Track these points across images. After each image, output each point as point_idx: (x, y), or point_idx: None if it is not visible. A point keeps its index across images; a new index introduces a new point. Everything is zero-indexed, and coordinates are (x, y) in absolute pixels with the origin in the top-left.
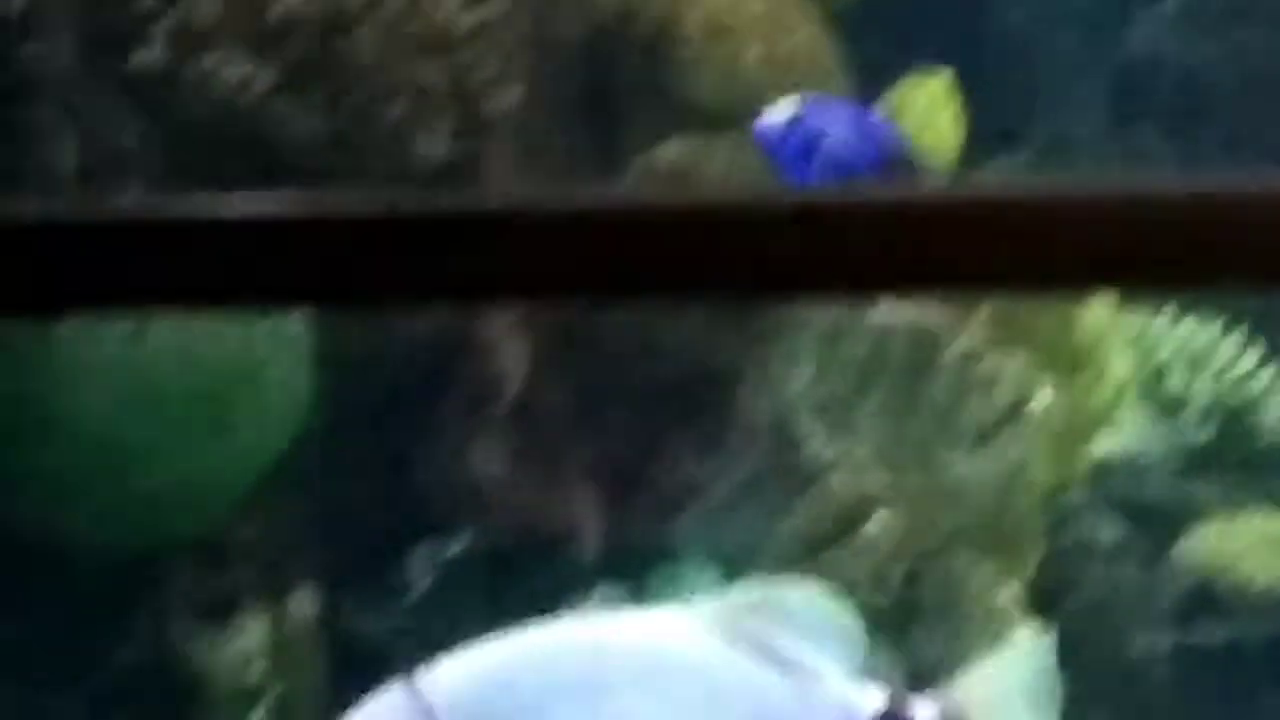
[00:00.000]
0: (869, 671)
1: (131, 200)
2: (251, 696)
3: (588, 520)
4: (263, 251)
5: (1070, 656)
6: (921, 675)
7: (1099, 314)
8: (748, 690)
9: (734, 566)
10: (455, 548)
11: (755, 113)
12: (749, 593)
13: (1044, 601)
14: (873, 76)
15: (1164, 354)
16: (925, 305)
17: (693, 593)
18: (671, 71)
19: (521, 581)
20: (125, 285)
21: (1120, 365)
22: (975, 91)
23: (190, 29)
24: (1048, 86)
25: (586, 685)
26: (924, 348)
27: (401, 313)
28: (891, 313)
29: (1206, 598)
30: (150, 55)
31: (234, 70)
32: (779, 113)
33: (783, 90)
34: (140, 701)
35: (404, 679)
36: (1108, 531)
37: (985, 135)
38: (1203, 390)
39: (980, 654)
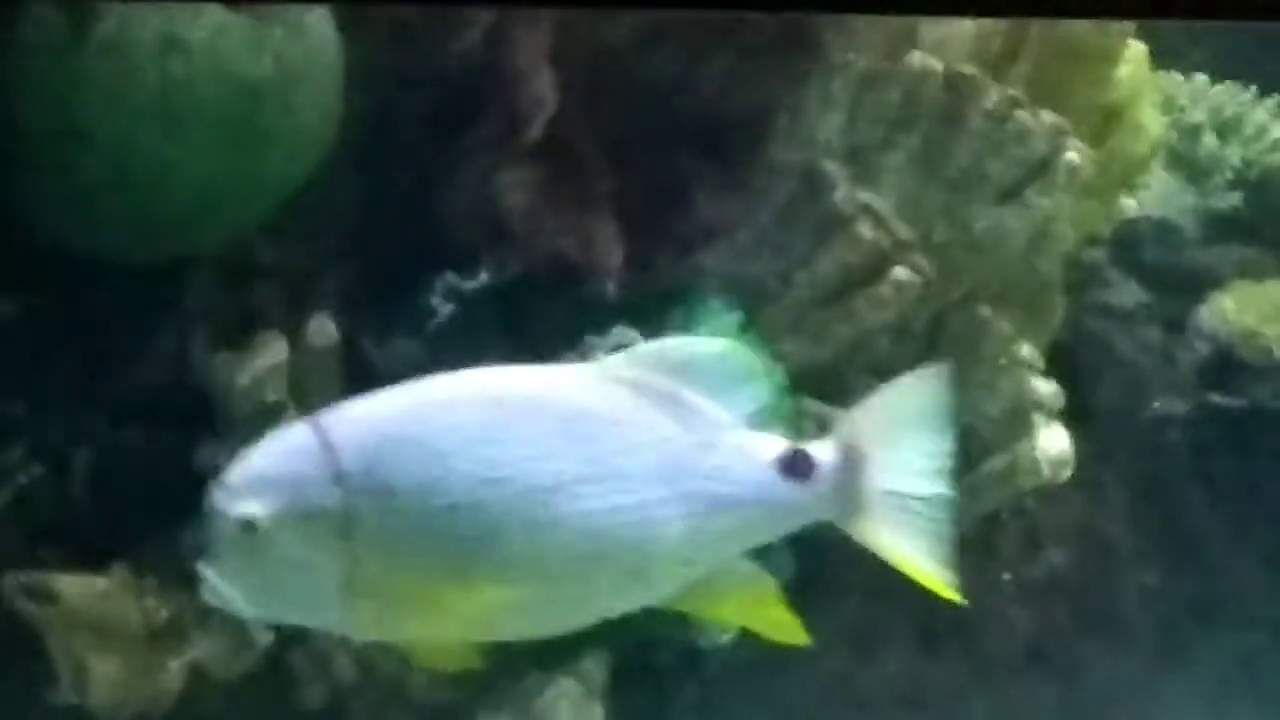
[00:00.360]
0: (781, 422)
1: None
2: (269, 415)
3: (611, 256)
4: None
5: (1088, 418)
6: None
7: (1131, 74)
8: (649, 436)
9: (755, 309)
10: (477, 278)
11: None
12: (658, 345)
13: (1063, 360)
14: None
15: (1195, 118)
16: (958, 56)
17: (712, 334)
18: None
19: (541, 315)
20: None
21: (1150, 127)
22: None
23: None
24: None
25: (487, 430)
26: (956, 99)
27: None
28: (925, 62)
29: (1227, 363)
30: None
31: None
32: None
33: None
34: (158, 417)
35: (309, 417)
36: (1130, 293)
37: None
38: (1232, 155)
39: (999, 407)
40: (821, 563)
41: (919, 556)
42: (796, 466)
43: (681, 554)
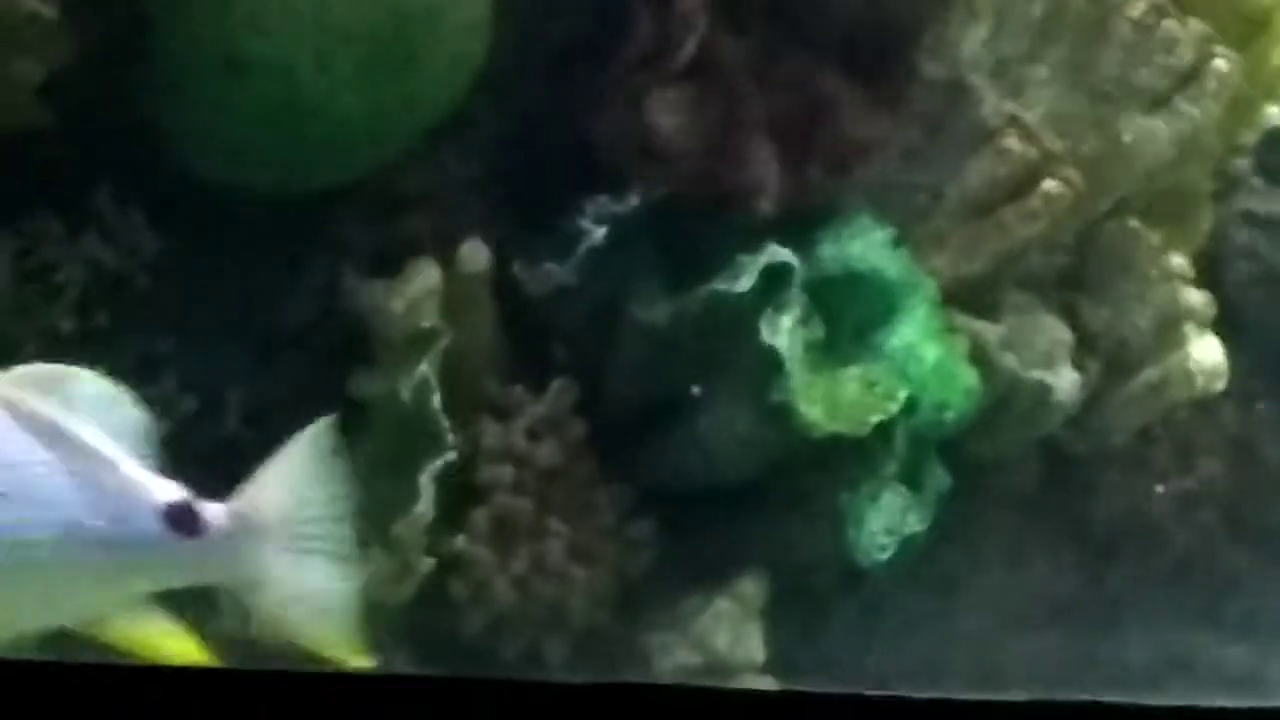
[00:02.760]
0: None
1: None
2: (423, 343)
3: (763, 175)
4: None
5: (1237, 327)
6: (1090, 340)
7: None
8: (24, 458)
9: (906, 224)
10: (627, 200)
11: None
12: (32, 371)
13: (1212, 270)
14: None
15: None
16: None
17: (862, 253)
18: None
19: (693, 238)
20: None
21: None
22: None
23: None
24: None
25: None
26: (1102, 8)
27: None
28: None
29: None
30: None
31: None
32: None
33: None
34: (312, 344)
35: None
36: (1277, 201)
37: None
38: None
39: (1150, 319)
40: (976, 476)
41: (319, 621)
42: (184, 521)
43: (57, 582)
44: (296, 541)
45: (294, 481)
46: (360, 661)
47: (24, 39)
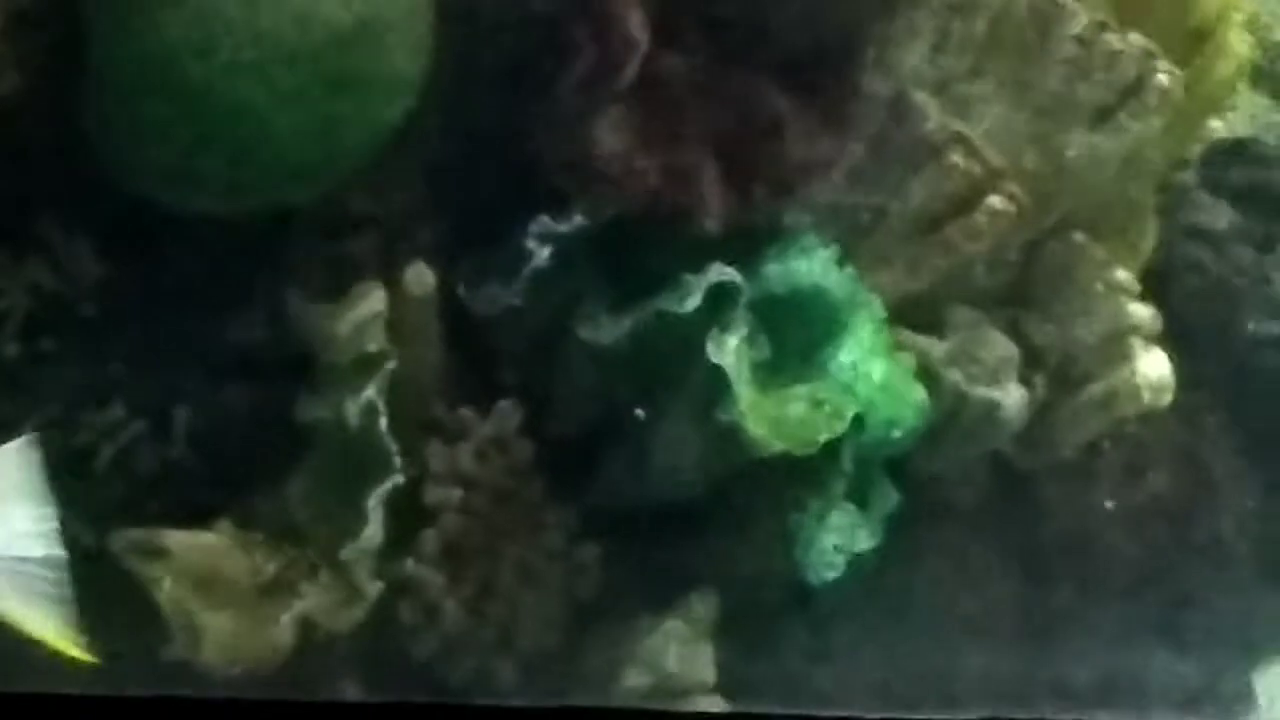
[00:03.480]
0: None
1: None
2: (368, 366)
3: (706, 196)
4: None
5: (1182, 341)
6: (1036, 355)
7: None
8: None
9: (851, 241)
10: (572, 220)
11: None
12: None
13: (1156, 284)
14: None
15: None
16: None
17: (808, 271)
18: None
19: (638, 257)
20: None
21: (1237, 47)
22: None
23: None
24: None
25: None
26: (1043, 24)
27: None
28: None
29: None
30: None
31: None
32: None
33: None
34: (256, 372)
35: None
36: (1221, 215)
37: None
38: None
39: (1097, 333)
40: (923, 492)
41: (43, 619)
42: None
43: None
44: (7, 544)
45: None
46: (84, 656)
47: None
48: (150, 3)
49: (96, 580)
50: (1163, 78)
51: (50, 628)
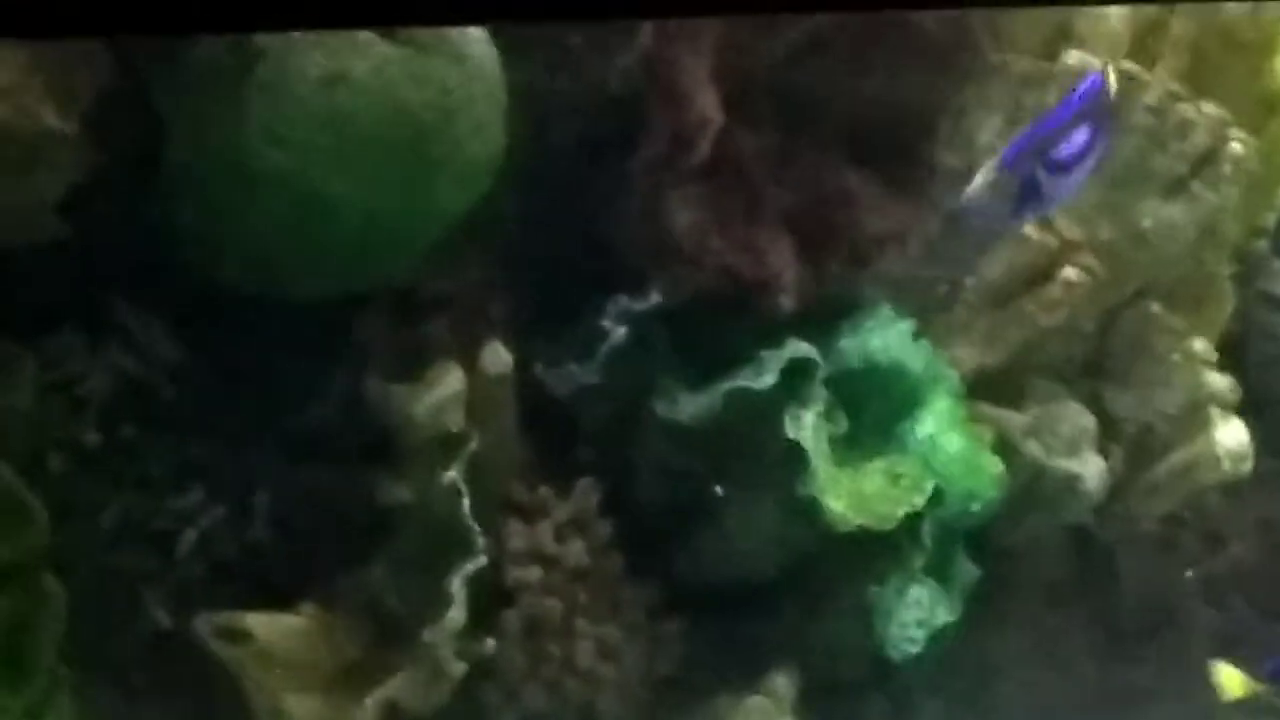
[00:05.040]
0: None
1: None
2: (449, 446)
3: (782, 269)
4: None
5: (1261, 409)
6: (1114, 426)
7: None
8: None
9: (927, 316)
10: (648, 298)
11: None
12: None
13: (1232, 352)
14: None
15: None
16: (1116, 52)
17: (884, 346)
18: None
19: (714, 334)
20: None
21: None
22: None
23: None
24: None
25: None
26: (1117, 95)
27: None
28: (1083, 59)
29: None
30: None
31: None
32: (980, 187)
33: None
34: (337, 450)
35: None
36: None
37: None
38: None
39: (1175, 403)
40: (1003, 565)
41: None
42: None
43: None
44: None
45: None
46: None
47: (43, 154)
48: (227, 90)
49: (181, 663)
50: (1237, 146)
51: None
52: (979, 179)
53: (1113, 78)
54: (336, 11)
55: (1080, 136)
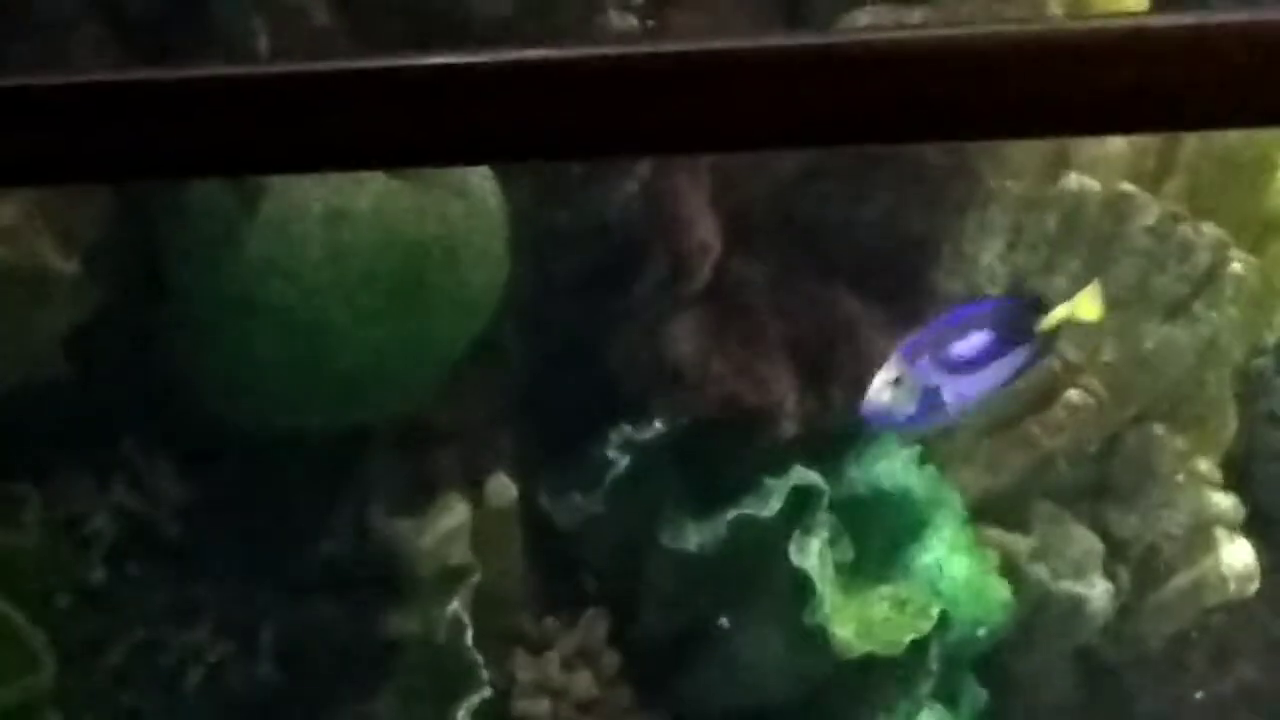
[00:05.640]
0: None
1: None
2: (453, 580)
3: (784, 397)
4: (455, 103)
5: (1262, 524)
6: (1120, 548)
7: None
8: None
9: (931, 440)
10: (651, 427)
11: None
12: None
13: (1237, 471)
14: None
15: None
16: (1115, 174)
17: (889, 472)
18: None
19: (718, 462)
20: (326, 139)
21: None
22: None
23: None
24: None
25: None
26: (1116, 217)
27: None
28: (1082, 182)
29: None
30: None
31: None
32: (881, 387)
33: None
34: (342, 584)
35: None
36: None
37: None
38: None
39: (1180, 524)
40: (1012, 691)
41: None
42: None
43: None
44: None
45: None
46: None
47: (47, 293)
48: (230, 224)
49: None
50: (1237, 266)
51: None
52: (879, 379)
53: (1054, 316)
54: (337, 154)
55: (980, 339)
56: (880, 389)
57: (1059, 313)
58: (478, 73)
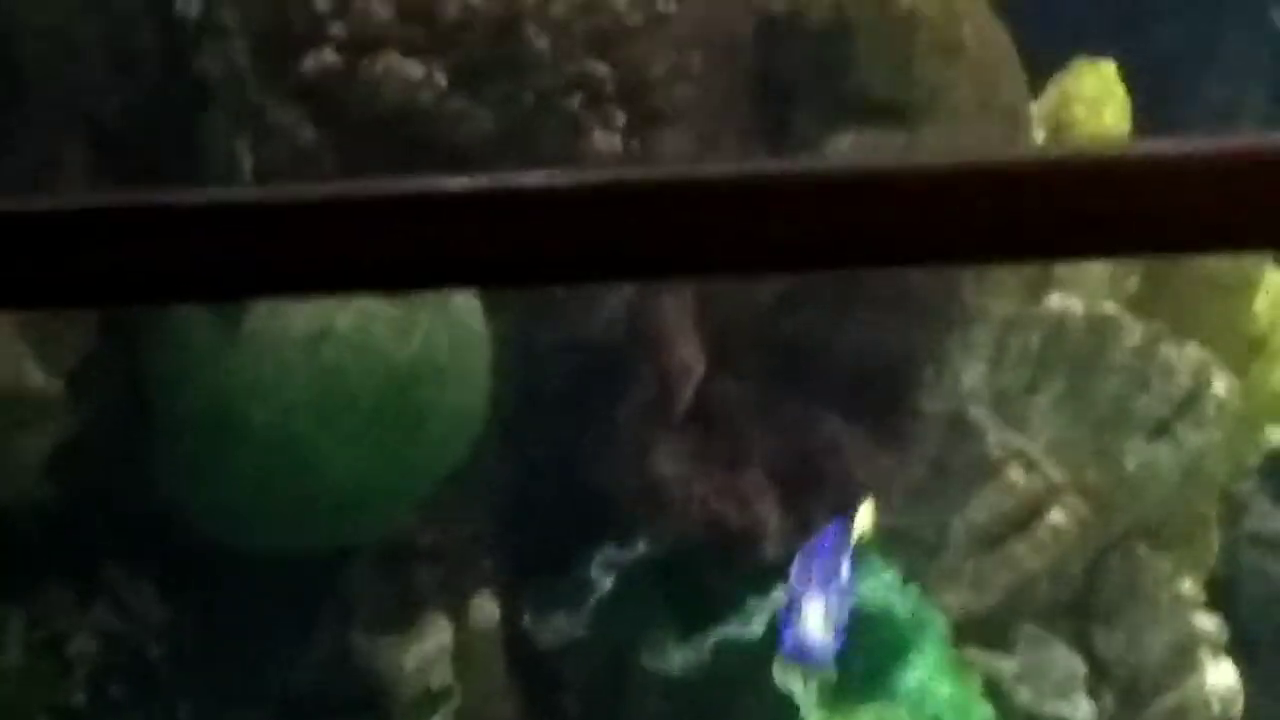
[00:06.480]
0: None
1: (304, 184)
2: (435, 701)
3: (768, 518)
4: (439, 229)
5: (1248, 646)
6: (1104, 669)
7: (1272, 302)
8: None
9: (915, 562)
10: (635, 548)
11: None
12: None
13: (1221, 593)
14: (1042, 64)
15: None
16: (1098, 294)
17: (872, 592)
18: (844, 63)
19: (701, 583)
20: (310, 267)
21: None
22: (1138, 79)
23: (363, 31)
24: (1209, 73)
25: None
26: (1098, 337)
27: (580, 287)
28: (1065, 302)
29: None
30: (324, 58)
31: (407, 71)
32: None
33: (954, 82)
34: (324, 706)
35: None
36: None
37: (1146, 123)
38: None
39: (1164, 645)
40: None
41: None
42: None
43: None
44: None
45: None
46: None
47: (29, 415)
48: (210, 345)
49: None
50: (1220, 387)
51: None
52: (808, 618)
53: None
54: (319, 279)
55: (844, 562)
56: (812, 628)
57: (862, 525)
58: (460, 199)
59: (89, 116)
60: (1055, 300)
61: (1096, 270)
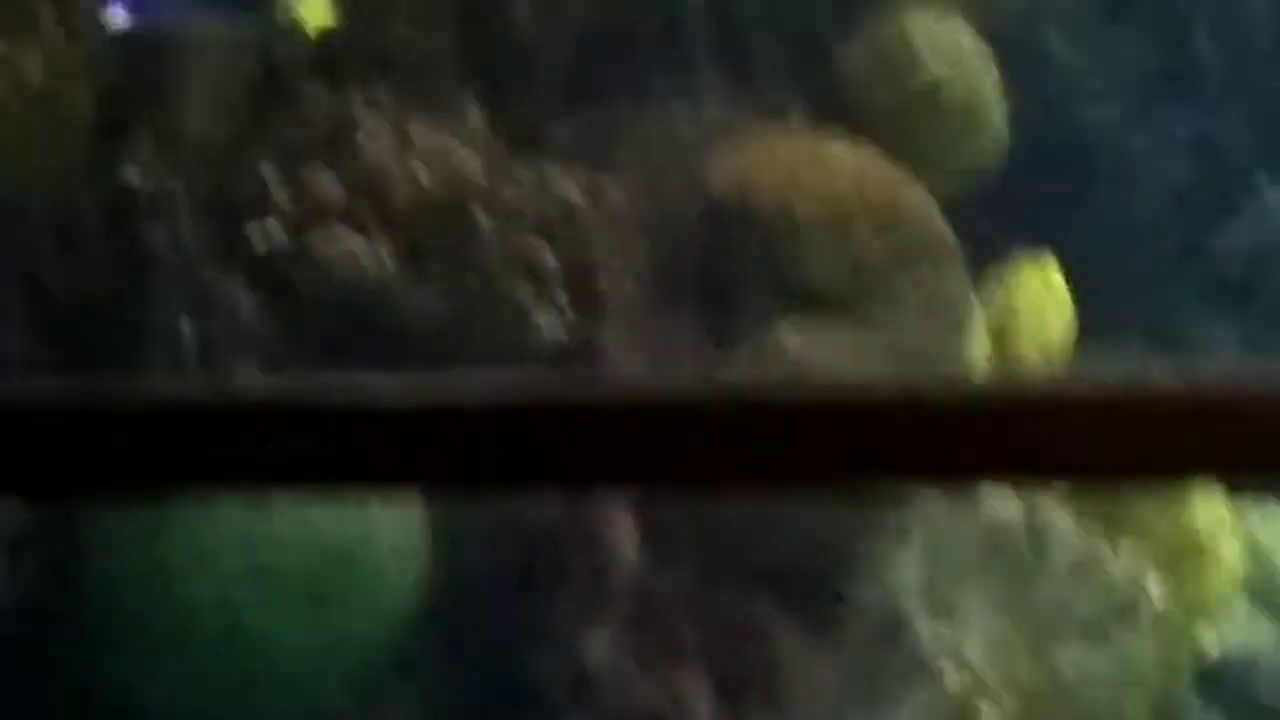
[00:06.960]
0: None
1: (252, 383)
2: None
3: (698, 709)
4: (378, 436)
5: None
6: None
7: (1208, 508)
8: None
9: None
10: None
11: None
12: None
13: None
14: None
15: (1274, 551)
16: (1034, 497)
17: None
18: (785, 255)
19: None
20: (246, 467)
21: (1230, 561)
22: (1079, 275)
23: (310, 210)
24: (1150, 273)
25: None
26: (1034, 539)
27: (516, 498)
28: (1001, 504)
29: None
30: (270, 235)
31: (354, 247)
32: None
33: (899, 276)
34: None
35: None
36: None
37: (1088, 320)
38: None
39: None
40: None
41: None
42: None
43: None
44: None
45: None
46: None
47: None
48: (145, 522)
49: None
50: (1155, 593)
51: None
52: None
53: None
54: (263, 476)
55: None
56: None
57: None
58: (396, 412)
59: (32, 280)
60: (993, 502)
61: None
